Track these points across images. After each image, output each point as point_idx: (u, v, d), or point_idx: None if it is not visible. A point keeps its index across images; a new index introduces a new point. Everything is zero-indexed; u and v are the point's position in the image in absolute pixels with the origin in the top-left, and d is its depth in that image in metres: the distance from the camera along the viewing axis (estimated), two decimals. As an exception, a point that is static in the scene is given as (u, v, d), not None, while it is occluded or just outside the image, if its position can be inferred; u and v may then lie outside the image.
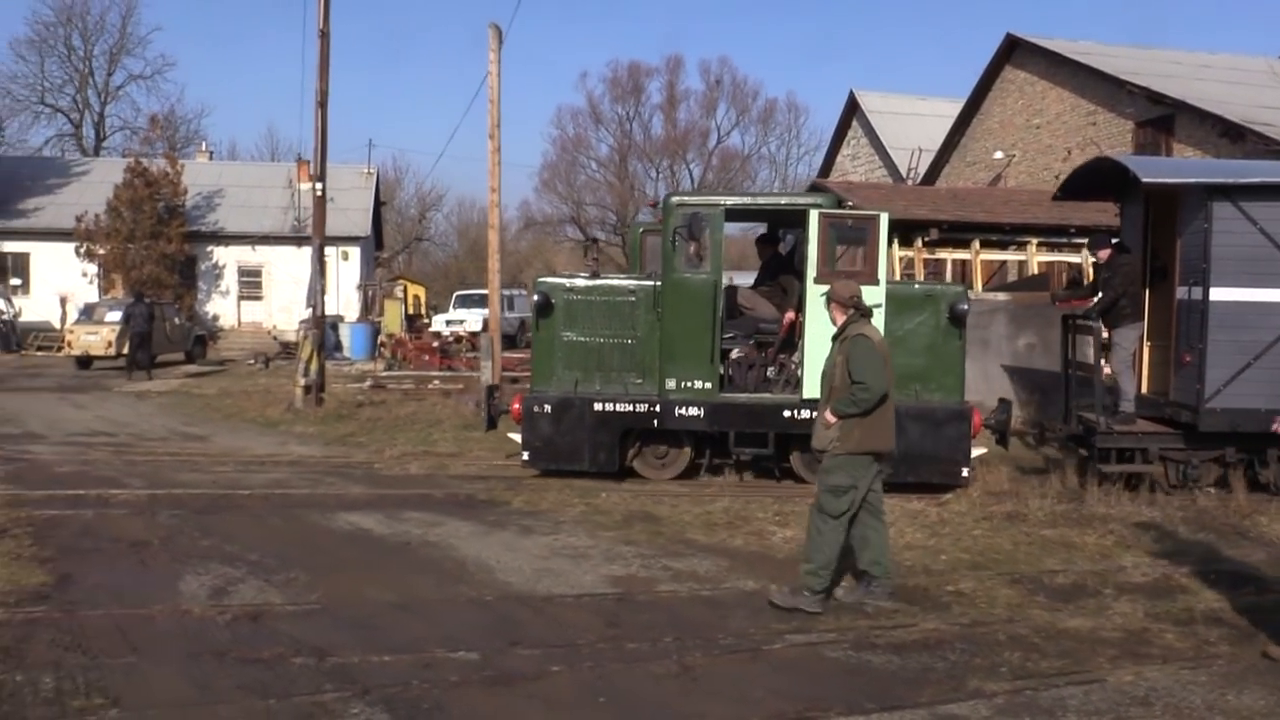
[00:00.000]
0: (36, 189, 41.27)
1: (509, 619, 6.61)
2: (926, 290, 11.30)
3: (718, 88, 69.16)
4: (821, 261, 10.57)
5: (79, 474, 11.59)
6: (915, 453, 10.67)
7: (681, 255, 10.93)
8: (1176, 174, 11.48)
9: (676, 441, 11.46)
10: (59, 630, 6.16)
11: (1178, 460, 10.98)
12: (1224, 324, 10.34)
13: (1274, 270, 10.33)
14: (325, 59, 17.15)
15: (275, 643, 6.01)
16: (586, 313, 11.33)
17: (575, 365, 11.31)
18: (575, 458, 11.15)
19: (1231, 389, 10.38)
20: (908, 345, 10.82)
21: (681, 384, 11.03)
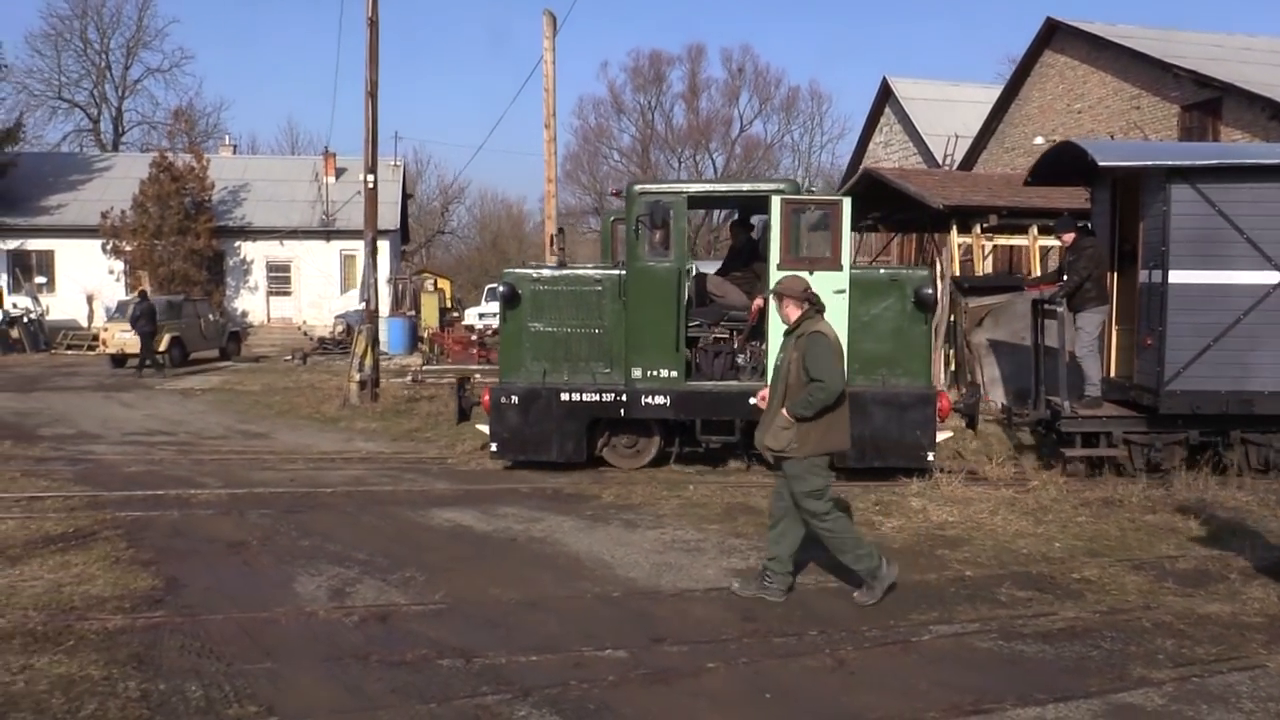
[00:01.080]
0: (59, 185, 41.15)
1: (642, 615, 6.43)
2: (892, 275, 11.26)
3: (740, 76, 68.89)
4: (785, 248, 10.57)
5: (150, 474, 11.44)
6: (880, 437, 10.69)
7: (645, 243, 10.93)
8: (1135, 157, 11.40)
9: (645, 430, 11.42)
10: (185, 635, 5.99)
11: (1141, 444, 10.94)
12: (1183, 306, 10.33)
13: (1233, 252, 10.30)
14: (374, 48, 16.88)
15: (413, 644, 5.84)
16: (553, 303, 11.31)
17: (543, 356, 11.31)
18: (543, 449, 11.15)
19: (1191, 371, 10.40)
20: (874, 330, 10.86)
21: (647, 373, 11.02)
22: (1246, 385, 10.44)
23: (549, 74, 16.50)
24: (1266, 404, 10.50)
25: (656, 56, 70.20)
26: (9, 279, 37.04)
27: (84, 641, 5.85)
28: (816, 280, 9.96)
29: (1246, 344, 10.38)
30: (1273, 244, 10.34)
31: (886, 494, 9.79)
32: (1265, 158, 10.81)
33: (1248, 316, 10.35)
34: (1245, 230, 10.31)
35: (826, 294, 10.02)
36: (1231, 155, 11.15)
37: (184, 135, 44.63)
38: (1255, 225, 10.29)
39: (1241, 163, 10.64)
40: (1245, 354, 10.40)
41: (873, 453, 10.66)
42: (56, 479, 11.03)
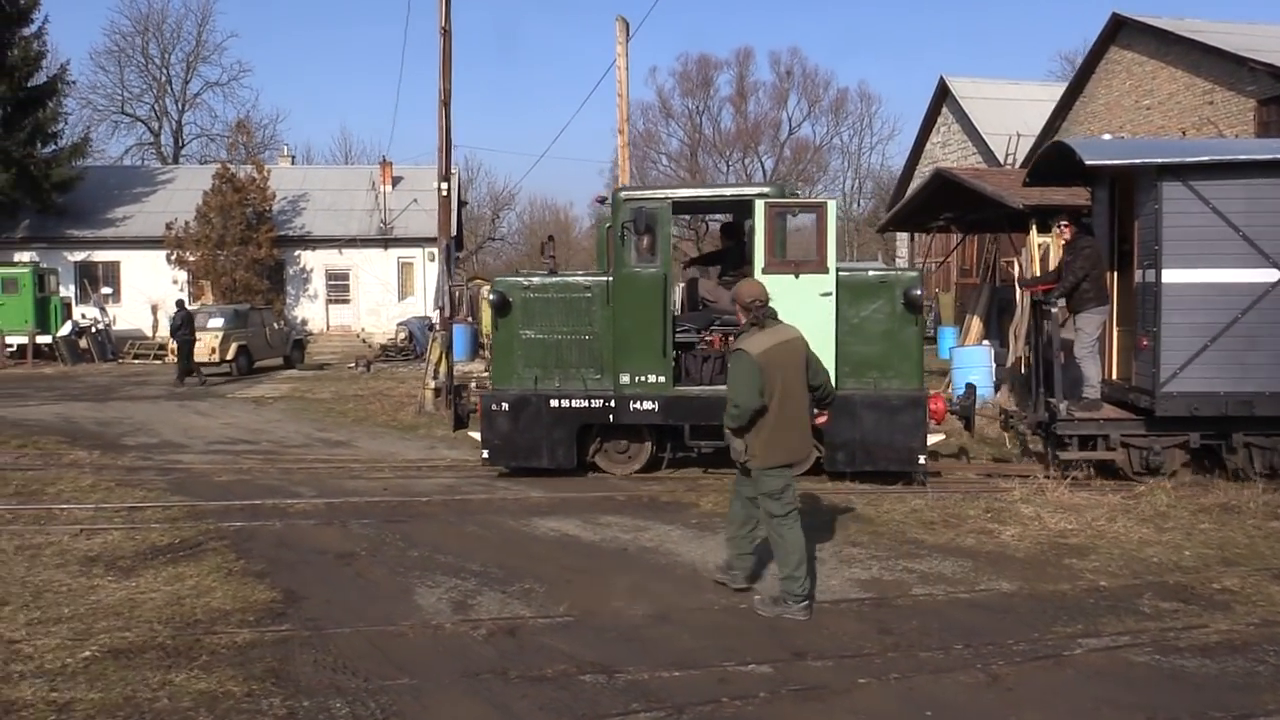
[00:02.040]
0: (124, 198, 41.77)
1: (774, 628, 6.26)
2: (880, 276, 11.10)
3: (788, 79, 68.58)
4: (769, 251, 10.54)
5: (242, 483, 11.44)
6: (870, 440, 10.61)
7: (631, 250, 10.90)
8: (1126, 155, 11.16)
9: (637, 436, 11.39)
10: (316, 650, 5.90)
11: (1140, 447, 10.66)
12: (1178, 306, 10.07)
13: (1229, 250, 10.01)
14: (447, 57, 16.87)
15: (549, 659, 5.71)
16: (544, 310, 11.30)
17: (535, 363, 11.31)
18: (534, 455, 11.19)
19: (1188, 372, 10.12)
20: (863, 333, 10.76)
21: (635, 378, 11.00)
22: (1246, 386, 10.13)
23: (622, 79, 16.41)
24: (1267, 405, 10.18)
25: (704, 61, 70.17)
26: (77, 290, 37.58)
27: (217, 656, 5.78)
28: (803, 283, 10.40)
29: (1245, 344, 10.07)
30: (1270, 241, 10.07)
31: (992, 501, 9.54)
32: (1259, 153, 10.50)
33: (1246, 316, 10.07)
34: (1241, 228, 10.06)
35: (813, 297, 10.47)
36: (1225, 151, 10.86)
37: (243, 147, 45.02)
38: (1251, 222, 10.00)
39: (1234, 159, 10.32)
40: (1244, 354, 10.10)
41: (863, 456, 10.62)
42: (152, 489, 11.06)
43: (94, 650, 5.91)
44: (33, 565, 7.90)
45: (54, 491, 10.98)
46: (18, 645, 6.01)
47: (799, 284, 10.48)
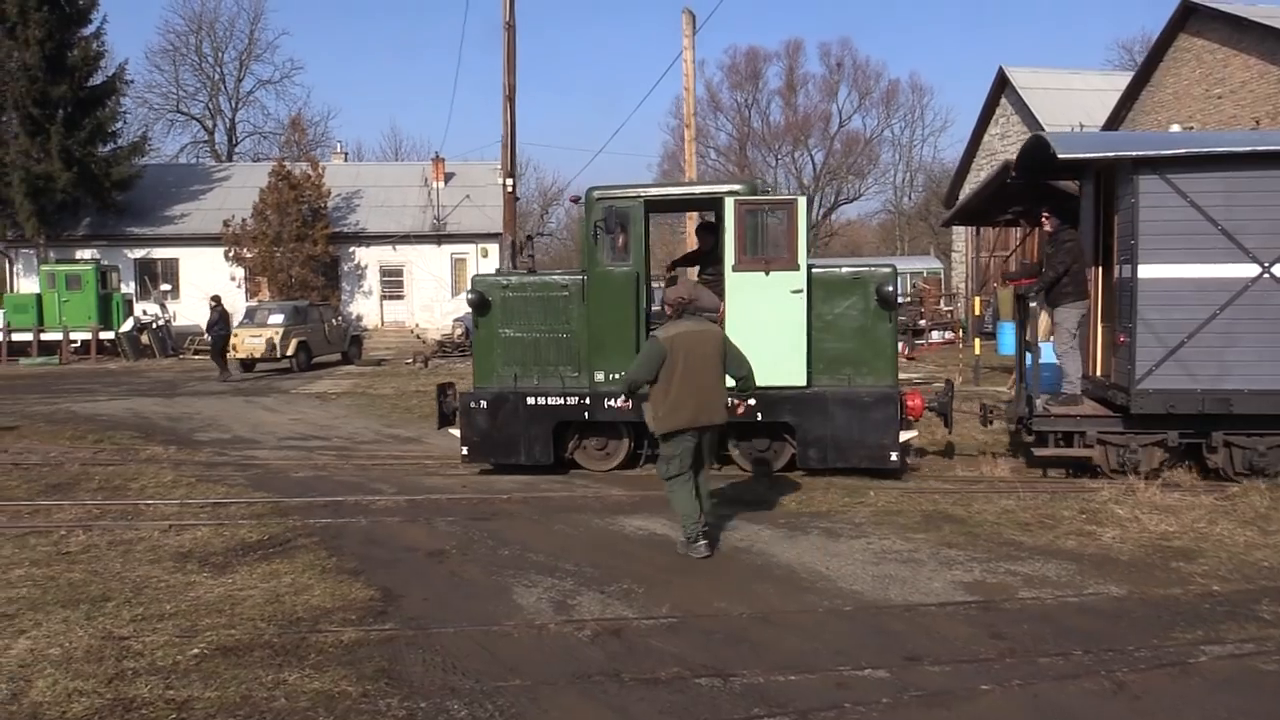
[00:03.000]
0: (182, 196, 42.33)
1: (882, 631, 6.15)
2: (854, 273, 11.04)
3: (839, 71, 68.10)
4: (739, 249, 10.58)
5: (320, 479, 11.50)
6: (843, 437, 10.61)
7: (604, 248, 11.01)
8: (1100, 148, 10.98)
9: (615, 433, 11.46)
10: (423, 650, 5.87)
11: (1117, 444, 10.49)
12: (1155, 302, 9.88)
13: (1207, 245, 9.77)
14: (512, 52, 16.88)
15: (660, 661, 5.64)
16: (523, 309, 11.45)
17: (514, 361, 11.46)
18: (511, 452, 11.37)
19: (1165, 369, 9.92)
20: (837, 329, 10.78)
21: (609, 376, 11.04)
22: (1224, 384, 9.89)
23: (688, 72, 16.32)
24: (1246, 403, 9.92)
25: (753, 53, 69.92)
26: (137, 287, 38.14)
27: (326, 655, 5.77)
28: (773, 280, 10.52)
29: (1223, 340, 9.84)
30: (1250, 235, 9.80)
31: (1084, 502, 9.33)
32: (1238, 145, 10.25)
33: (1224, 312, 9.82)
34: (1220, 221, 9.77)
35: (784, 293, 10.54)
36: (1203, 143, 10.64)
37: (296, 145, 45.42)
38: (1230, 216, 9.76)
39: (1211, 151, 10.07)
40: (1222, 351, 9.86)
41: (835, 453, 10.63)
42: (233, 485, 11.14)
43: (202, 648, 5.93)
44: (127, 560, 7.97)
45: (137, 487, 11.10)
46: (127, 641, 6.04)
47: (770, 280, 10.57)
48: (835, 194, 71.72)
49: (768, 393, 10.49)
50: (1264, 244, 9.73)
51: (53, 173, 37.09)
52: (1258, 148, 9.94)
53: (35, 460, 13.11)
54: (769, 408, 10.70)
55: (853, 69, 69.73)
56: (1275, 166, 9.75)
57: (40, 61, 37.20)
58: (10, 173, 36.72)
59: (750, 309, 10.56)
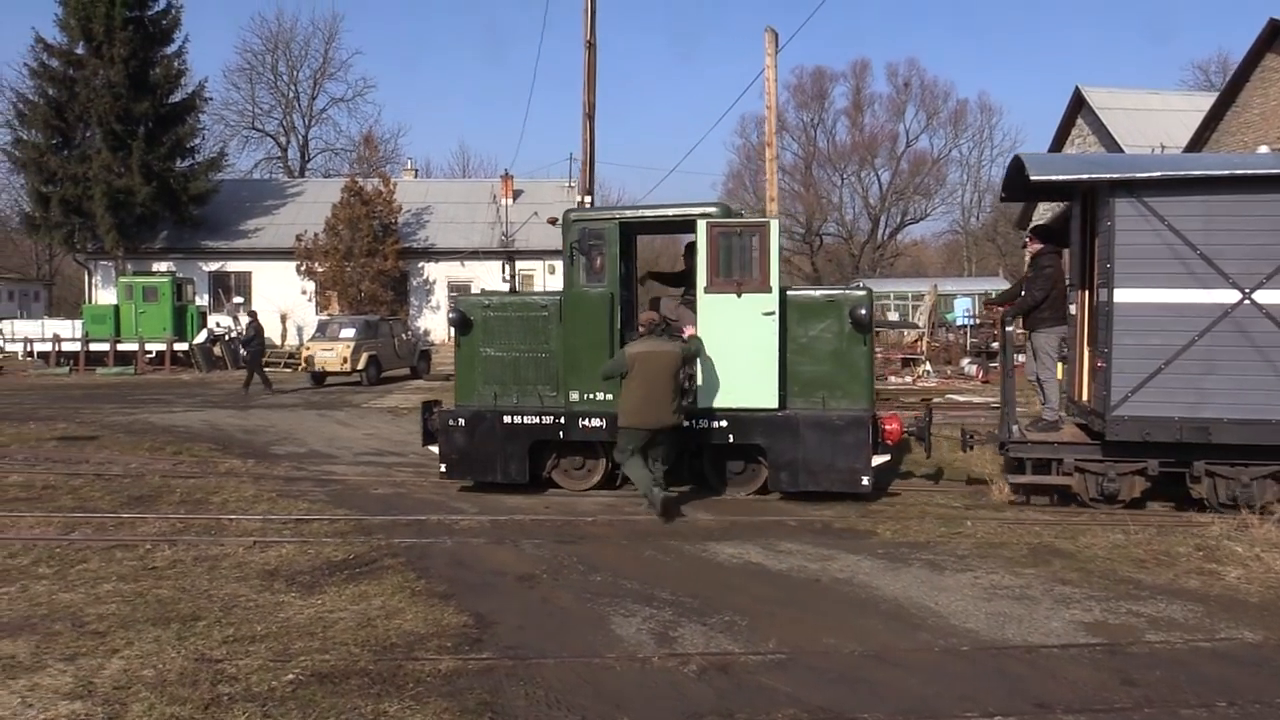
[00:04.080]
0: (256, 210, 42.98)
1: (1005, 673, 5.81)
2: (828, 296, 11.01)
3: (906, 90, 67.49)
4: (712, 271, 10.59)
5: (400, 497, 11.39)
6: (814, 460, 10.52)
7: (580, 270, 11.08)
8: (1076, 170, 10.79)
9: (591, 452, 11.50)
10: (524, 682, 5.66)
11: (1095, 472, 10.21)
12: (1131, 327, 9.65)
13: (1185, 270, 9.51)
14: (592, 70, 16.77)
15: (774, 701, 5.36)
16: (503, 328, 11.55)
17: (494, 380, 11.55)
18: (488, 470, 11.44)
19: (1141, 396, 9.64)
20: (812, 353, 10.77)
21: (584, 395, 11.16)
22: (1202, 412, 9.54)
23: (771, 91, 16.04)
24: (1225, 432, 9.53)
25: (820, 73, 69.54)
26: (210, 299, 38.68)
27: (424, 686, 5.58)
28: (745, 302, 10.54)
29: (1202, 368, 9.53)
30: (1229, 260, 9.46)
31: (1197, 538, 8.86)
32: (1217, 168, 9.89)
33: (1203, 338, 9.51)
34: (1198, 246, 9.46)
35: (755, 316, 10.52)
36: (1180, 166, 10.31)
37: (368, 161, 45.93)
38: (1209, 241, 9.47)
39: (1188, 174, 9.72)
40: (1200, 379, 9.53)
41: (806, 476, 10.55)
42: (313, 501, 11.07)
43: (297, 673, 5.77)
44: (214, 578, 7.88)
45: (219, 501, 11.06)
46: (220, 665, 5.90)
47: (742, 303, 10.54)
48: (901, 214, 71.01)
49: (740, 415, 10.63)
50: (1245, 269, 9.46)
51: (133, 187, 37.82)
52: (1236, 171, 9.69)
53: (117, 471, 13.17)
54: (741, 429, 10.71)
55: (920, 89, 69.18)
56: (1255, 190, 9.49)
57: (124, 79, 38.02)
58: (93, 187, 37.51)
59: (722, 331, 10.62)
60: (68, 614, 6.97)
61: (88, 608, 7.11)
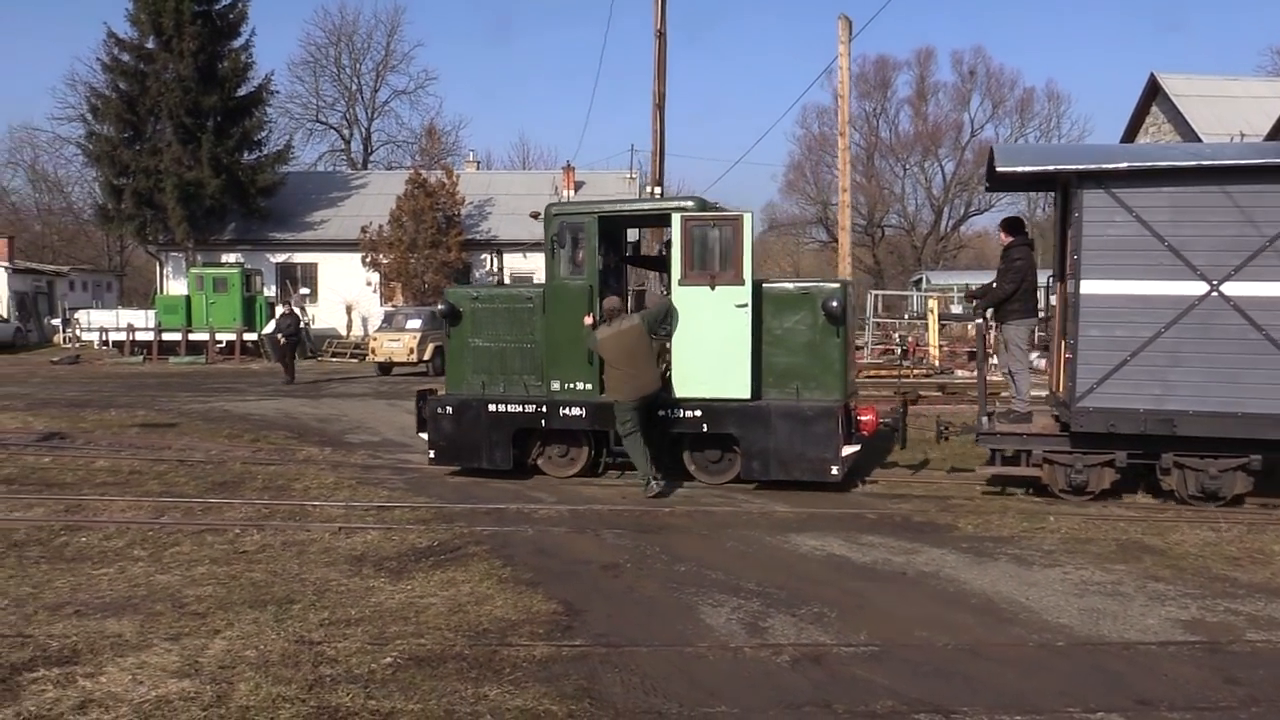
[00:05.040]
0: (321, 202, 43.56)
1: (1102, 669, 5.74)
2: (802, 289, 11.24)
3: (971, 79, 66.63)
4: (686, 264, 10.81)
5: (477, 485, 11.50)
6: (785, 450, 10.66)
7: (560, 262, 11.45)
8: (1044, 160, 10.75)
9: (575, 440, 11.80)
10: (619, 669, 5.70)
11: (1064, 464, 10.21)
12: (1097, 319, 9.68)
13: (1153, 262, 9.49)
14: (662, 60, 16.75)
15: (870, 693, 5.35)
16: (491, 320, 11.97)
17: (483, 370, 11.99)
18: (474, 457, 11.81)
19: (1107, 387, 9.67)
20: (787, 344, 10.99)
21: (565, 385, 11.51)
22: (1167, 404, 9.55)
23: (844, 80, 15.93)
24: (1190, 424, 9.45)
25: (882, 62, 68.80)
26: (278, 290, 39.27)
27: (521, 671, 5.64)
28: (719, 294, 10.76)
29: (1168, 360, 9.54)
30: (1197, 252, 9.39)
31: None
32: (1185, 159, 9.80)
33: (1169, 330, 9.50)
34: (1166, 237, 9.44)
35: (729, 308, 10.75)
36: (1147, 157, 10.21)
37: (430, 153, 46.32)
38: (1177, 232, 9.44)
39: (1156, 165, 9.64)
40: (1166, 371, 9.54)
41: (777, 466, 10.72)
42: (393, 488, 11.23)
43: (395, 656, 5.86)
44: (303, 562, 8.03)
45: (300, 488, 11.26)
46: (319, 647, 6.02)
47: (715, 295, 10.73)
48: (965, 205, 70.11)
49: (713, 404, 10.88)
50: (1212, 261, 9.41)
51: (202, 179, 38.50)
52: (1204, 162, 9.63)
53: (199, 458, 13.45)
54: (714, 419, 10.92)
55: (986, 77, 68.16)
56: (1222, 182, 9.41)
57: (193, 73, 38.70)
58: (164, 179, 38.25)
59: (696, 322, 10.84)
60: (166, 595, 7.15)
61: (185, 589, 7.28)
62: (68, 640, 6.15)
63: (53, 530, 9.15)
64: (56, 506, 10.22)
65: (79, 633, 6.29)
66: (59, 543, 8.76)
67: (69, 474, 12.26)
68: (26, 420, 16.94)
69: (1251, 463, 9.68)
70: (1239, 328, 9.38)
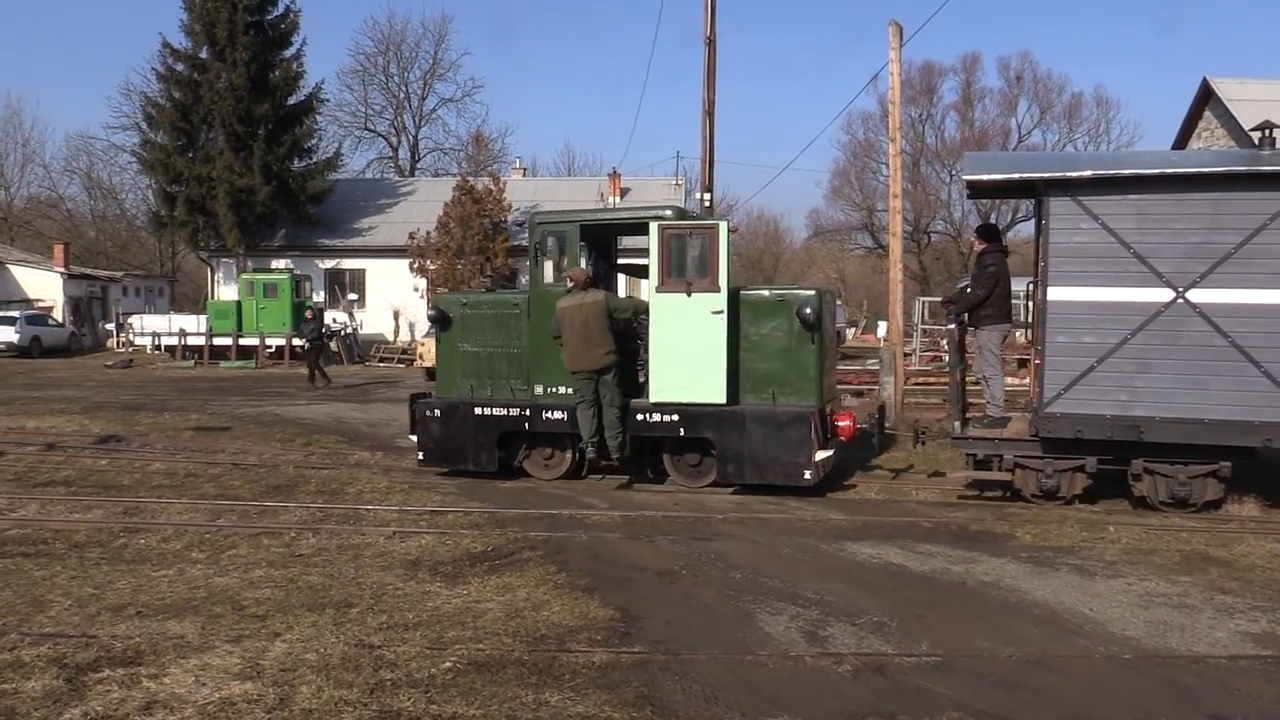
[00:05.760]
0: (369, 209, 43.92)
1: (1172, 683, 5.63)
2: (779, 296, 11.38)
3: (1019, 84, 65.98)
4: (663, 271, 10.98)
5: (528, 490, 11.54)
6: (759, 454, 10.86)
7: (543, 269, 11.75)
8: (1010, 169, 10.82)
9: (559, 443, 12.06)
10: (678, 677, 5.65)
11: (1034, 469, 10.30)
12: (1065, 325, 9.79)
13: (1119, 269, 9.54)
14: (712, 67, 16.77)
15: (934, 704, 5.27)
16: (479, 325, 12.25)
17: (471, 374, 12.24)
18: (460, 458, 12.15)
19: (1074, 393, 9.77)
20: (763, 350, 11.15)
21: (548, 389, 11.76)
22: (1134, 410, 9.65)
23: (894, 86, 15.84)
24: (1156, 430, 9.44)
25: (928, 68, 68.27)
26: (326, 295, 39.66)
27: (581, 677, 5.62)
28: (695, 301, 10.96)
29: (1134, 366, 9.63)
30: (1163, 259, 9.35)
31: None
32: (1148, 167, 9.77)
33: (1136, 337, 9.60)
34: (1132, 245, 9.51)
35: (704, 314, 10.92)
36: (1113, 165, 10.29)
37: (476, 161, 46.59)
38: (1143, 239, 9.52)
39: (1121, 173, 9.61)
40: (1133, 377, 9.62)
41: (751, 469, 10.93)
42: (445, 493, 11.26)
43: (454, 661, 5.86)
44: (359, 566, 8.06)
45: (354, 492, 11.34)
46: (379, 651, 6.03)
47: (691, 302, 10.91)
48: (1013, 211, 69.31)
49: (690, 409, 11.10)
50: (1178, 268, 9.42)
51: (254, 186, 38.95)
52: (1168, 170, 9.62)
53: (252, 461, 13.60)
54: (691, 423, 11.16)
55: (1033, 82, 67.42)
56: (1187, 189, 9.39)
57: (245, 82, 39.16)
58: (216, 186, 38.75)
59: (673, 329, 11.04)
60: (226, 597, 7.20)
61: (244, 591, 7.34)
62: (131, 641, 6.20)
63: (112, 532, 9.27)
64: (115, 508, 10.35)
65: (141, 633, 6.35)
66: (118, 544, 8.87)
67: (125, 476, 12.43)
68: (83, 423, 17.21)
69: (1221, 469, 9.69)
70: (1204, 334, 9.43)
